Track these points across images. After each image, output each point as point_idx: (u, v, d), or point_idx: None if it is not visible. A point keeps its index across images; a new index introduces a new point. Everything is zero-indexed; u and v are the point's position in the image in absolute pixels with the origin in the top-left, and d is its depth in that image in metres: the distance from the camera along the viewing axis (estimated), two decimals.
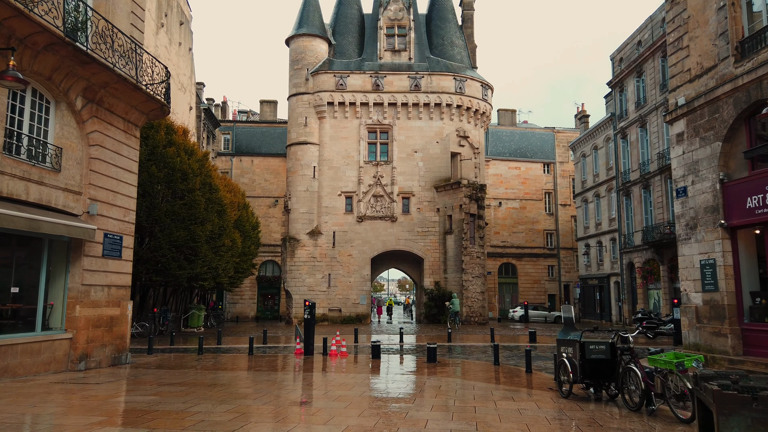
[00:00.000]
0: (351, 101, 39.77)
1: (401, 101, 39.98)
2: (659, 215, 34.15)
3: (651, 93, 35.37)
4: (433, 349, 15.96)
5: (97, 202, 14.29)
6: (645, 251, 35.90)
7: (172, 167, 24.86)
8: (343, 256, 39.07)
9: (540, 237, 52.79)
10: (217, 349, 20.62)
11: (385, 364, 15.57)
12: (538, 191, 53.39)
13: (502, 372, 13.98)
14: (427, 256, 39.37)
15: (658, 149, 34.41)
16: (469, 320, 37.44)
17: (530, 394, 10.51)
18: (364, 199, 39.52)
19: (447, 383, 11.85)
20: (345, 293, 38.87)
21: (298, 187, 39.41)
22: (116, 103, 14.98)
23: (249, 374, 13.44)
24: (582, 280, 46.26)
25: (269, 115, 53.82)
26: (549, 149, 54.06)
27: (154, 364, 15.41)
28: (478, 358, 17.87)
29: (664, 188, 33.73)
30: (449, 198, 39.20)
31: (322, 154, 39.85)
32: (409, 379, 12.57)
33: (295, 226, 39.12)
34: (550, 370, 14.61)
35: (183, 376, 12.85)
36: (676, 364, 7.66)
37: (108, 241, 14.72)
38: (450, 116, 40.50)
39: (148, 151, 24.60)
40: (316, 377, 13.04)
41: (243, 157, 50.38)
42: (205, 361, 16.31)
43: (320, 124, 40.10)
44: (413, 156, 40.14)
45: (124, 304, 15.43)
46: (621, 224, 39.33)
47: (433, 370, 14.32)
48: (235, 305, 48.64)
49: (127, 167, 15.71)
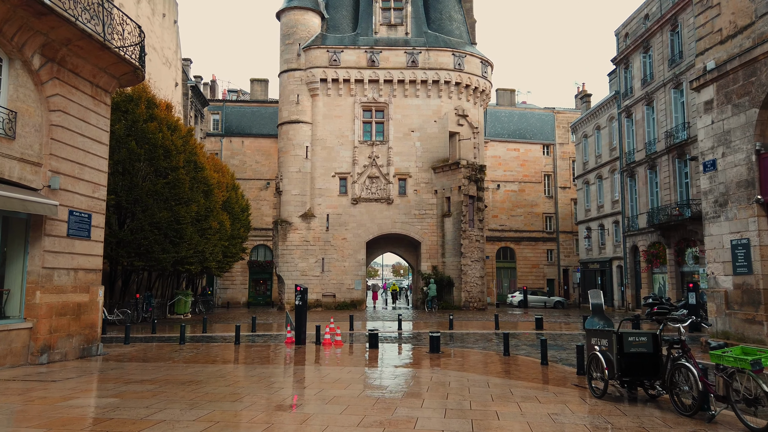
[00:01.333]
0: (345, 78, 38.00)
1: (397, 78, 38.25)
2: (666, 197, 32.76)
3: (659, 69, 33.79)
4: (437, 338, 14.52)
5: (60, 175, 12.66)
6: (650, 234, 34.57)
7: (153, 143, 23.16)
8: (337, 239, 37.56)
9: (539, 220, 51.42)
10: (201, 338, 19.13)
11: (384, 355, 14.12)
12: (537, 173, 51.92)
13: (514, 364, 12.56)
14: (425, 240, 37.92)
15: (665, 127, 32.92)
16: (468, 306, 36.10)
17: (556, 393, 9.06)
18: (359, 180, 37.92)
19: (457, 379, 10.40)
20: (339, 278, 37.41)
21: (290, 168, 37.74)
22: (82, 65, 13.29)
23: (232, 368, 11.95)
24: (582, 264, 44.99)
25: (260, 94, 51.90)
26: (549, 130, 52.51)
27: (129, 356, 13.89)
28: (484, 347, 16.47)
29: (672, 168, 32.30)
30: (447, 179, 37.66)
31: (315, 133, 38.14)
32: (413, 374, 11.12)
33: (287, 208, 37.51)
34: (567, 362, 13.21)
35: (156, 371, 11.35)
36: (751, 362, 6.20)
37: (74, 220, 13.11)
38: (448, 94, 38.81)
39: (127, 126, 22.91)
40: (308, 372, 11.56)
41: (233, 138, 48.57)
42: (186, 352, 14.81)
43: (313, 102, 38.34)
44: (410, 135, 38.51)
45: (93, 290, 13.86)
46: (625, 206, 37.96)
47: (437, 361, 12.88)
48: (226, 291, 47.13)
49: (97, 137, 14.05)
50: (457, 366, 12.21)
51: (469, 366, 12.31)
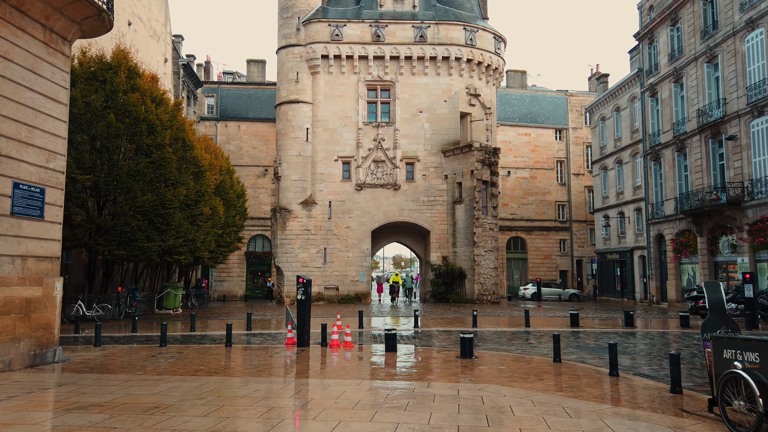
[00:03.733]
0: (348, 54, 35.24)
1: (405, 54, 35.49)
2: (697, 181, 30.14)
3: (689, 42, 31.07)
4: (469, 341, 11.94)
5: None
6: (679, 221, 31.99)
7: (135, 117, 20.46)
8: (340, 228, 34.94)
9: (551, 209, 48.82)
10: (188, 338, 16.54)
11: (407, 362, 11.55)
12: (549, 159, 49.25)
13: (575, 375, 9.97)
14: (434, 229, 35.30)
15: (697, 105, 30.25)
16: (481, 299, 33.54)
17: (673, 429, 6.45)
18: (364, 164, 35.26)
19: (519, 401, 7.80)
20: (342, 269, 34.82)
21: (289, 151, 35.04)
22: (30, 1, 10.61)
23: (216, 383, 9.35)
24: (599, 254, 42.42)
25: (257, 76, 49.08)
26: (561, 114, 49.79)
27: (93, 364, 11.30)
28: (522, 350, 13.89)
29: (705, 149, 29.66)
30: (459, 163, 34.99)
31: (315, 114, 35.41)
32: (456, 393, 8.51)
33: (286, 195, 34.86)
34: (637, 371, 10.63)
35: (117, 387, 8.75)
36: None
37: (20, 195, 10.48)
38: (459, 72, 36.08)
39: (105, 97, 20.18)
40: (315, 390, 8.97)
41: (229, 122, 45.79)
42: (165, 357, 12.22)
43: (313, 81, 35.58)
44: (418, 116, 35.79)
45: (48, 283, 11.25)
46: (648, 192, 35.35)
47: (477, 371, 10.31)
48: (222, 284, 44.52)
49: (52, 94, 11.39)
50: (504, 378, 9.63)
51: (519, 377, 9.72)
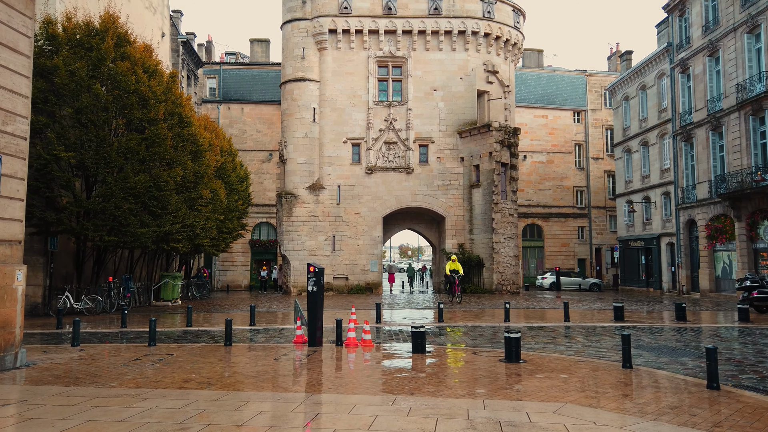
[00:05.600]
0: (357, 28, 33.00)
1: (418, 28, 33.22)
2: (735, 161, 27.91)
3: (726, 12, 28.69)
4: (515, 341, 9.90)
5: None
6: (713, 206, 29.79)
7: (125, 88, 18.39)
8: (349, 214, 32.89)
9: (569, 195, 46.61)
10: (183, 336, 14.57)
11: (442, 369, 9.53)
12: (567, 143, 46.96)
13: (662, 388, 7.91)
14: (449, 214, 33.20)
15: (735, 80, 27.95)
16: (501, 289, 31.49)
17: None
18: (374, 146, 33.14)
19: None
20: (352, 258, 32.81)
21: (296, 132, 32.94)
22: None
23: (205, 403, 7.32)
24: (622, 242, 40.23)
25: (261, 56, 46.89)
26: (580, 95, 47.41)
27: (61, 370, 9.32)
28: (570, 350, 11.84)
29: (744, 127, 27.39)
30: (476, 145, 32.81)
31: (323, 92, 33.25)
32: (524, 419, 6.46)
33: (292, 179, 32.81)
34: (737, 381, 8.56)
35: (77, 410, 6.76)
36: None
37: None
38: (476, 47, 33.79)
39: (91, 65, 18.11)
40: (333, 413, 6.94)
41: (231, 104, 43.70)
42: (151, 360, 10.24)
43: (321, 57, 33.39)
44: (432, 95, 33.58)
45: (7, 272, 9.25)
46: (678, 175, 33.11)
47: (532, 382, 8.28)
48: (225, 273, 42.66)
49: (9, 42, 9.32)
50: (576, 392, 7.56)
51: (594, 391, 7.66)
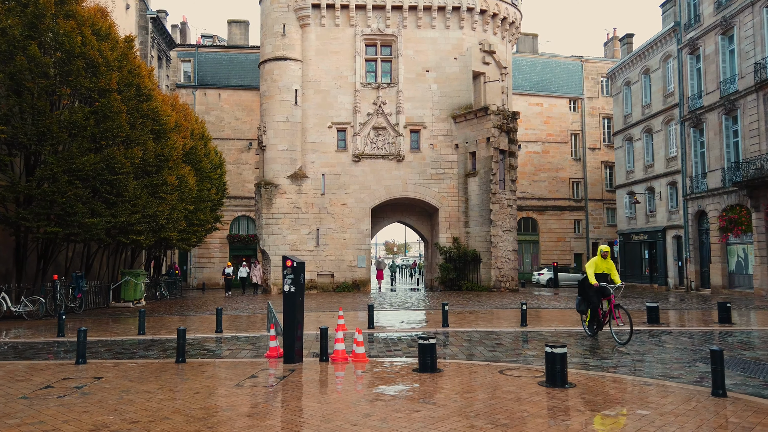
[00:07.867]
0: (343, 3, 30.33)
1: (409, 3, 30.63)
2: (753, 147, 25.76)
3: None
4: (560, 357, 7.37)
5: None
6: (727, 195, 27.65)
7: (69, 51, 15.52)
8: (335, 205, 30.22)
9: (565, 186, 44.41)
10: (129, 347, 11.82)
11: (465, 399, 6.95)
12: (563, 132, 44.73)
13: None
14: (443, 205, 30.68)
15: (753, 59, 25.78)
16: (499, 286, 29.06)
17: None
18: (362, 132, 30.50)
19: None
20: (338, 253, 30.16)
21: (276, 116, 30.17)
22: None
23: None
24: (623, 235, 38.05)
25: (239, 38, 43.93)
26: (576, 82, 45.16)
27: None
28: (620, 366, 9.35)
29: (763, 110, 25.23)
30: (472, 130, 30.31)
31: (306, 73, 30.51)
32: None
33: (272, 167, 30.04)
34: None
35: None
36: None
37: None
38: (471, 24, 31.27)
39: (26, 24, 15.21)
40: None
41: (208, 90, 40.75)
42: (64, 389, 7.53)
43: (303, 34, 30.63)
44: (424, 76, 31.00)
45: None
46: (686, 164, 30.94)
47: (606, 423, 5.74)
48: (202, 270, 39.76)
49: None
50: None
51: None
